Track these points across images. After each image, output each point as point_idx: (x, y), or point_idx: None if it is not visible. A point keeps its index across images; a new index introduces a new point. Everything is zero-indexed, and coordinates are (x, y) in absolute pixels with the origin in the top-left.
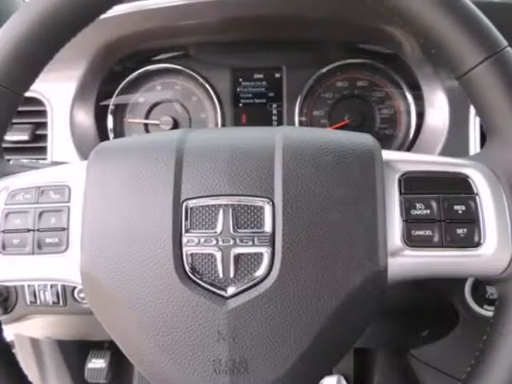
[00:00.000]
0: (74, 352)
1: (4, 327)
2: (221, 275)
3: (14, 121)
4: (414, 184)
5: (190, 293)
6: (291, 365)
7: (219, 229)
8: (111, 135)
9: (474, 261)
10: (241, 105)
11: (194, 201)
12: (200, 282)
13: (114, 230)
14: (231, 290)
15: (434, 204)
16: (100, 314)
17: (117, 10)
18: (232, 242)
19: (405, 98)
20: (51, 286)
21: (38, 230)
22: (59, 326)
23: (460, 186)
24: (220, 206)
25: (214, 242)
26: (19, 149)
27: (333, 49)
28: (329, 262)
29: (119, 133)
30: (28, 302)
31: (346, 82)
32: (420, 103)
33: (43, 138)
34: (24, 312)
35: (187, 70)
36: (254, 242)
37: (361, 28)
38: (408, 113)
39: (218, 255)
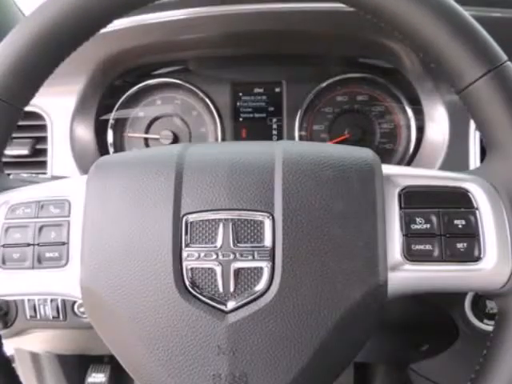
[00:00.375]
0: (74, 366)
1: (4, 341)
2: (221, 289)
3: (14, 135)
4: (414, 198)
5: (190, 307)
6: (291, 379)
7: (219, 243)
8: (111, 149)
9: (474, 275)
10: (241, 119)
11: (194, 215)
12: (200, 296)
13: (114, 244)
14: (231, 305)
15: (434, 218)
16: (100, 328)
17: (117, 24)
18: (232, 256)
19: (405, 112)
20: (51, 301)
21: (37, 245)
22: (59, 341)
23: (460, 200)
24: (220, 220)
25: (214, 256)
26: (19, 163)
27: (333, 63)
28: (329, 277)
29: (119, 147)
30: (28, 317)
31: (346, 97)
32: (420, 117)
33: (43, 152)
34: (24, 326)
35: (187, 85)
36: (254, 257)
37: (361, 42)
38: (408, 127)
39: (218, 269)
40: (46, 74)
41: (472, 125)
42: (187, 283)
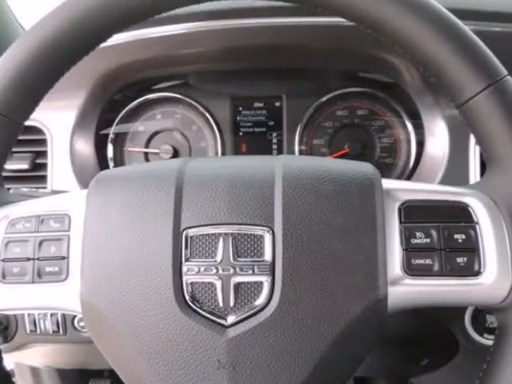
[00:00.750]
0: (74, 381)
1: (4, 356)
2: (221, 304)
3: (14, 149)
4: (414, 213)
5: (190, 321)
6: None
7: (219, 257)
8: (111, 164)
9: (474, 290)
10: (241, 133)
11: (194, 229)
12: (200, 310)
13: (114, 258)
14: (231, 319)
15: (434, 233)
16: (100, 342)
17: (117, 38)
18: (232, 270)
19: (405, 126)
20: (51, 315)
21: (37, 259)
22: (59, 355)
23: (460, 214)
24: (220, 234)
25: (214, 270)
26: (19, 177)
27: (333, 77)
28: (329, 291)
29: (119, 161)
30: (28, 331)
31: (345, 111)
32: (420, 132)
33: (43, 166)
34: (24, 341)
35: (187, 99)
36: (254, 271)
37: (361, 57)
38: (408, 141)
39: (218, 284)
40: (46, 89)
41: (472, 139)
42: (187, 297)
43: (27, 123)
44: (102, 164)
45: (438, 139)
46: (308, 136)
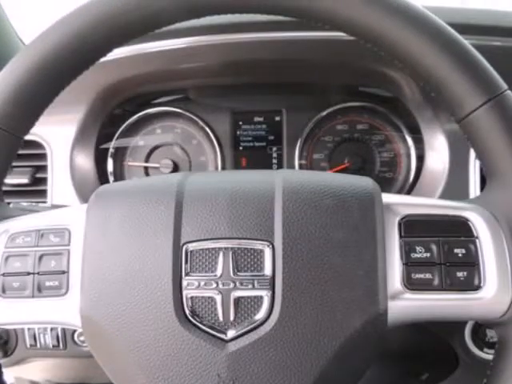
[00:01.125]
0: None
1: (4, 370)
2: (221, 318)
3: (14, 164)
4: (414, 227)
5: (190, 336)
6: None
7: (219, 272)
8: (111, 178)
9: (474, 304)
10: (241, 148)
11: (194, 244)
12: (200, 325)
13: (114, 273)
14: (231, 333)
15: (434, 247)
16: (100, 357)
17: (117, 52)
18: (232, 285)
19: (405, 141)
20: (51, 329)
21: (37, 273)
22: (59, 369)
23: (460, 229)
24: (220, 249)
25: (214, 285)
26: (19, 192)
27: (333, 92)
28: (329, 305)
29: (119, 176)
30: (28, 345)
31: (346, 125)
32: (420, 146)
33: (43, 181)
34: (24, 355)
35: (187, 113)
36: (254, 285)
37: (361, 71)
38: (408, 156)
39: (218, 298)
40: (47, 103)
41: (472, 154)
42: (187, 312)
43: (27, 137)
44: (102, 178)
45: (438, 153)
46: (308, 150)
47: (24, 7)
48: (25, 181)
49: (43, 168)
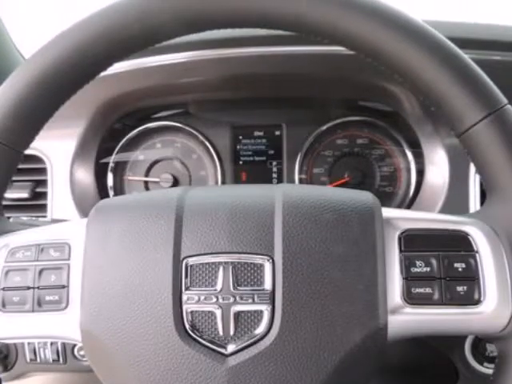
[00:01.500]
0: None
1: None
2: (221, 333)
3: (14, 178)
4: (414, 242)
5: (190, 350)
6: None
7: (219, 286)
8: (111, 193)
9: (474, 318)
10: (241, 162)
11: (194, 258)
12: (200, 339)
13: (114, 287)
14: (231, 348)
15: (434, 261)
16: (100, 371)
17: (117, 67)
18: (232, 299)
19: (405, 155)
20: (51, 344)
21: (37, 288)
22: None
23: (460, 243)
24: (220, 263)
25: (214, 299)
26: (19, 206)
27: (333, 106)
28: (329, 320)
29: (119, 190)
30: (28, 360)
31: (346, 140)
32: (420, 161)
33: (43, 195)
34: (24, 369)
35: (187, 128)
36: (254, 300)
37: (361, 85)
38: (408, 170)
39: (218, 313)
40: (47, 117)
41: (472, 168)
42: (187, 326)
43: (27, 152)
44: (102, 193)
45: (438, 168)
46: (308, 165)
47: (24, 21)
48: (25, 195)
49: (43, 182)
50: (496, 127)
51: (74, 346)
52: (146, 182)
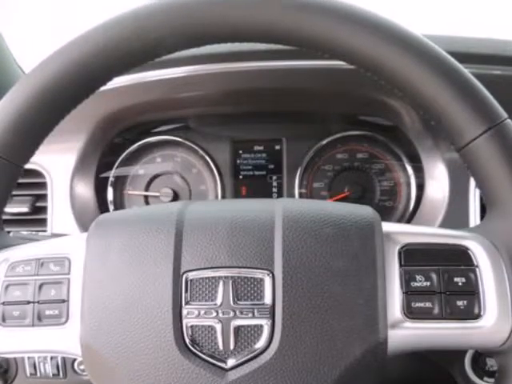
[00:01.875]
0: None
1: None
2: (221, 347)
3: (14, 193)
4: (414, 256)
5: (190, 365)
6: None
7: (219, 301)
8: (111, 207)
9: (474, 333)
10: (241, 177)
11: (194, 273)
12: (200, 353)
13: (114, 301)
14: (231, 362)
15: (434, 276)
16: None
17: (117, 81)
18: (232, 314)
19: (405, 169)
20: (51, 358)
21: (37, 302)
22: None
23: (460, 258)
24: (220, 277)
25: (214, 314)
26: (19, 221)
27: (333, 121)
28: (329, 334)
29: (119, 205)
30: (28, 374)
31: (346, 154)
32: (420, 175)
33: (43, 209)
34: None
35: (187, 142)
36: (254, 314)
37: (361, 100)
38: (408, 185)
39: (218, 327)
40: (47, 132)
41: (472, 182)
42: (187, 341)
43: (27, 166)
44: (102, 207)
45: (438, 182)
46: (308, 179)
47: (24, 36)
48: (25, 209)
49: (43, 197)
50: (496, 142)
51: (74, 360)
52: (146, 197)
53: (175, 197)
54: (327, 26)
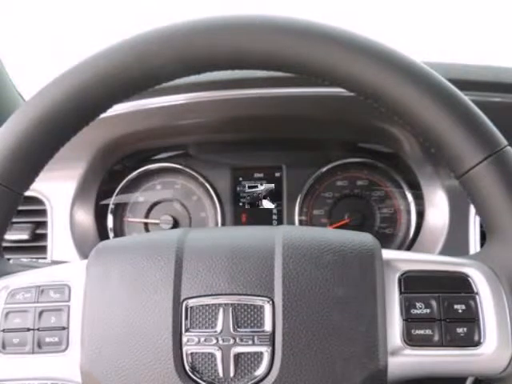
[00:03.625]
0: None
1: None
2: (221, 374)
3: (14, 220)
4: (414, 283)
5: None
6: None
7: (219, 328)
8: (111, 234)
9: (474, 360)
10: (241, 204)
11: (194, 300)
12: (200, 381)
13: (114, 329)
14: None
15: (434, 303)
16: None
17: (117, 108)
18: (232, 341)
19: (405, 197)
20: None
21: (37, 330)
22: None
23: (460, 285)
24: (220, 305)
25: (214, 341)
26: (19, 248)
27: (333, 148)
28: (329, 361)
29: (119, 232)
30: None
31: (346, 181)
32: (420, 202)
33: (43, 237)
34: None
35: (187, 169)
36: (254, 342)
37: (360, 127)
38: (408, 212)
39: (218, 354)
40: (47, 159)
41: (472, 209)
42: (187, 368)
43: (27, 193)
44: (102, 234)
45: (438, 209)
46: (308, 206)
47: (24, 62)
48: (25, 237)
49: (43, 224)
50: (496, 169)
51: None
52: (146, 224)
53: (175, 224)
54: (327, 53)
